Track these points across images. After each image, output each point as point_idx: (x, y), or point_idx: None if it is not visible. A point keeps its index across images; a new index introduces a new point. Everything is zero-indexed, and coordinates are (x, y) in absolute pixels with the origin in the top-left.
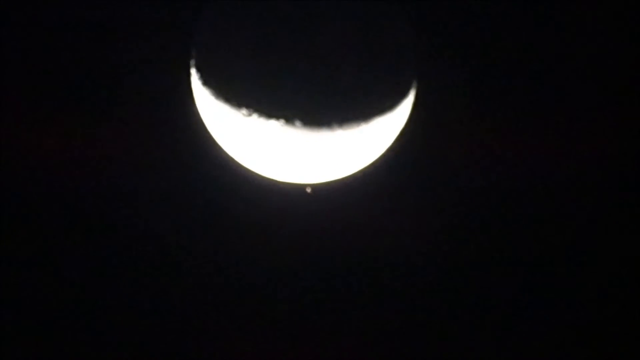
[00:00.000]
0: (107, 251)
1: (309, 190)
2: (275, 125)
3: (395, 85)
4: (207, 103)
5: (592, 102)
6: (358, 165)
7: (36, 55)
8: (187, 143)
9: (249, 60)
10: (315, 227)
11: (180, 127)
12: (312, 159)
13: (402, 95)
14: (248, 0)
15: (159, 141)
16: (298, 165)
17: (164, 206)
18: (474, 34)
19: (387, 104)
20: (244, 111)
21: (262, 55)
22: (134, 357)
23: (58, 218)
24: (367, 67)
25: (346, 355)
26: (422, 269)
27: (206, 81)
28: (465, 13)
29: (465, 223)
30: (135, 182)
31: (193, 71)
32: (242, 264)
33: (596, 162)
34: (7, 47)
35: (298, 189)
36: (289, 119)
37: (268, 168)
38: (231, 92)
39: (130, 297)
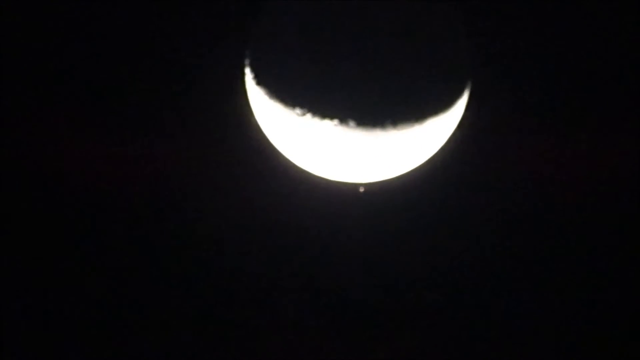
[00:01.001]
0: (162, 256)
1: (362, 189)
2: (329, 125)
3: (448, 86)
4: (261, 103)
5: None
6: (410, 165)
7: (80, 61)
8: (242, 143)
9: (303, 60)
10: (368, 226)
11: (234, 127)
12: (365, 159)
13: (456, 96)
14: (303, 1)
15: (213, 142)
16: (351, 165)
17: (220, 208)
18: (529, 35)
19: (440, 105)
20: (298, 111)
21: (316, 55)
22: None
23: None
24: (421, 67)
25: None
26: (476, 269)
27: (260, 81)
28: (520, 13)
29: (517, 224)
30: (190, 184)
31: (247, 71)
32: (298, 264)
33: None
34: (54, 55)
35: (351, 188)
36: (343, 119)
37: (322, 168)
38: (285, 92)
39: (195, 303)
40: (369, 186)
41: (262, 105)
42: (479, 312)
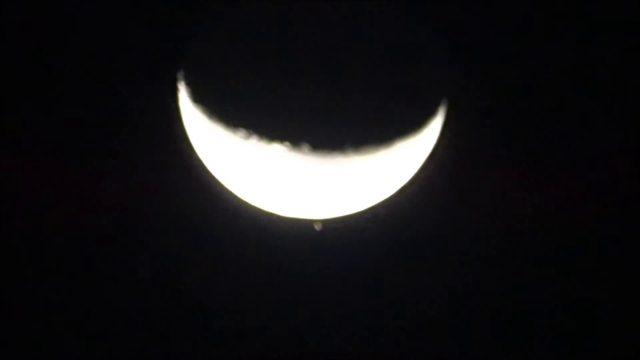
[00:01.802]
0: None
1: (318, 227)
2: (278, 150)
3: (421, 104)
4: (198, 125)
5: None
6: (375, 198)
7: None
8: (175, 171)
9: (247, 75)
10: (326, 270)
11: (166, 152)
12: (321, 191)
13: (429, 116)
14: (245, 6)
15: (141, 169)
16: (305, 198)
17: (148, 246)
18: (512, 50)
19: (411, 126)
20: (241, 133)
21: (262, 69)
22: None
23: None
24: (388, 82)
25: None
26: (450, 317)
27: (197, 99)
28: (497, 30)
29: (500, 263)
30: (113, 217)
31: (181, 87)
32: (237, 310)
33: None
34: None
35: (305, 225)
36: (294, 143)
37: (270, 201)
38: (226, 111)
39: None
40: (327, 223)
41: (199, 128)
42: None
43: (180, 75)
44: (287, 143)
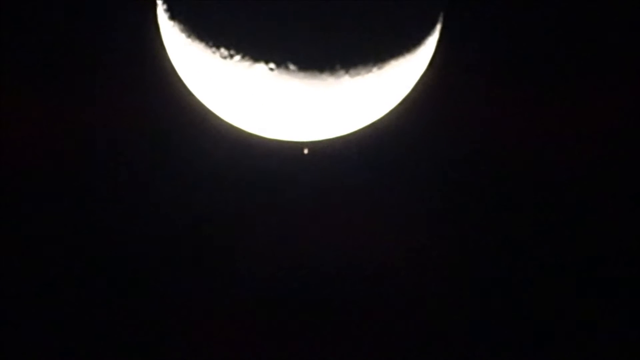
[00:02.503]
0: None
1: (305, 150)
2: (263, 70)
3: (415, 18)
4: (176, 42)
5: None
6: (366, 120)
7: None
8: (154, 93)
9: None
10: (313, 197)
11: (144, 72)
12: (309, 113)
13: (424, 33)
14: None
15: (119, 91)
16: (292, 120)
17: (129, 169)
18: None
19: (405, 44)
20: (223, 52)
21: None
22: None
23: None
24: None
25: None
26: (444, 251)
27: (175, 14)
28: None
29: (495, 196)
30: (97, 141)
31: (159, 3)
32: (220, 233)
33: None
34: None
35: (292, 148)
36: (280, 62)
37: (255, 124)
38: (206, 28)
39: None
40: (315, 146)
41: (178, 46)
42: (436, 291)
43: None
44: (271, 63)
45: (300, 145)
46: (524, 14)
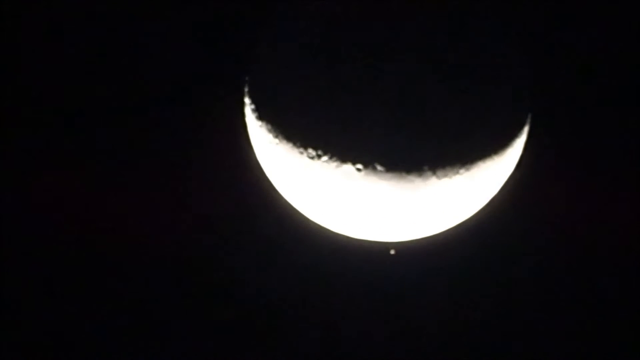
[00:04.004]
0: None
1: (392, 252)
2: (350, 171)
3: (503, 122)
4: (264, 142)
5: None
6: (453, 221)
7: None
8: (242, 193)
9: (316, 88)
10: (399, 297)
11: (232, 173)
12: (396, 213)
13: (512, 135)
14: (314, 18)
15: (208, 189)
16: (379, 221)
17: (216, 266)
18: (600, 69)
19: (492, 146)
20: (311, 152)
21: (333, 82)
22: None
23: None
24: (469, 98)
25: None
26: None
27: (262, 115)
28: (589, 46)
29: (584, 282)
30: (188, 239)
31: (247, 102)
32: (311, 333)
33: None
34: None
35: (379, 249)
36: (368, 163)
37: (342, 224)
38: (294, 129)
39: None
40: (402, 247)
41: (266, 146)
42: None
43: (245, 90)
44: (359, 164)
45: (387, 246)
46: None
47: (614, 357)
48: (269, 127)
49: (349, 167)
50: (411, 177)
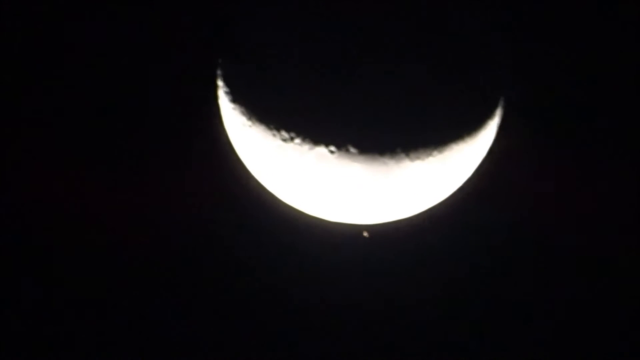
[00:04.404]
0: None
1: (366, 234)
2: (324, 153)
3: (477, 106)
4: (237, 125)
5: None
6: (427, 204)
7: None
8: (215, 176)
9: (290, 71)
10: (372, 280)
11: (204, 156)
12: (369, 196)
13: (485, 119)
14: (288, 3)
15: (179, 172)
16: (352, 203)
17: (193, 254)
18: (565, 57)
19: (466, 129)
20: (284, 135)
21: (306, 64)
22: None
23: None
24: (441, 80)
25: None
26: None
27: (236, 98)
28: (565, 32)
29: (558, 276)
30: (159, 219)
31: (220, 85)
32: (278, 314)
33: None
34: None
35: (352, 231)
36: (341, 145)
37: (315, 206)
38: (267, 111)
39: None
40: (375, 229)
41: (239, 128)
42: None
43: (218, 73)
44: (332, 146)
45: (360, 228)
46: (582, 97)
47: (572, 339)
48: (242, 109)
49: (322, 150)
50: (384, 160)
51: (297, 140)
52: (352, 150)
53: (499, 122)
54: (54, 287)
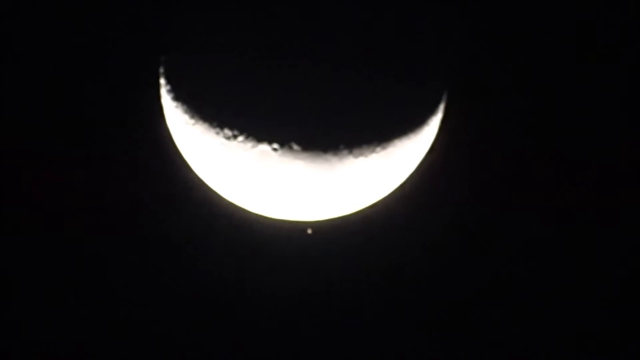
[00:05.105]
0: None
1: (309, 231)
2: (266, 150)
3: (419, 101)
4: (180, 123)
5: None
6: (369, 200)
7: None
8: (158, 173)
9: (232, 68)
10: (316, 278)
11: (147, 153)
12: (312, 193)
13: (428, 114)
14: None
15: (121, 169)
16: (295, 200)
17: (131, 248)
18: (509, 52)
19: (408, 125)
20: (227, 132)
21: (248, 61)
22: None
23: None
24: (384, 75)
25: None
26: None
27: (178, 96)
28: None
29: (502, 273)
30: (97, 218)
31: (162, 83)
32: (224, 312)
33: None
34: None
35: (296, 228)
36: (284, 143)
37: (258, 203)
38: (209, 109)
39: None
40: (318, 226)
41: (182, 127)
42: None
43: (161, 70)
44: (275, 143)
45: (304, 225)
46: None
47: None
48: (185, 107)
49: (265, 147)
50: (327, 156)
51: (241, 138)
52: (296, 147)
53: (441, 118)
54: None
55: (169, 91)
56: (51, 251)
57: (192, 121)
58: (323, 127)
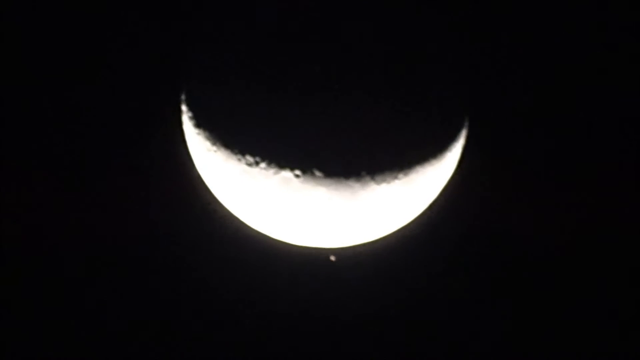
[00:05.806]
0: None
1: (332, 258)
2: (289, 177)
3: (441, 127)
4: (202, 150)
5: None
6: (392, 227)
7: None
8: (180, 201)
9: (254, 95)
10: (340, 304)
11: (170, 181)
12: (335, 219)
13: (450, 140)
14: (251, 31)
15: (145, 197)
16: (318, 227)
17: (155, 274)
18: (527, 76)
19: (431, 152)
20: (248, 159)
21: (271, 88)
22: None
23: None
24: (407, 102)
25: None
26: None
27: (200, 122)
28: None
29: (528, 283)
30: (119, 246)
31: (184, 110)
32: (248, 338)
33: None
34: None
35: (319, 255)
36: (306, 169)
37: (281, 230)
38: (231, 136)
39: None
40: (342, 253)
41: (204, 154)
42: None
43: (182, 97)
44: (297, 170)
45: (327, 252)
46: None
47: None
48: (207, 134)
49: (287, 173)
50: (350, 183)
51: (263, 165)
52: (318, 174)
53: (463, 144)
54: None
55: (190, 118)
56: (71, 281)
57: (214, 148)
58: (345, 154)
